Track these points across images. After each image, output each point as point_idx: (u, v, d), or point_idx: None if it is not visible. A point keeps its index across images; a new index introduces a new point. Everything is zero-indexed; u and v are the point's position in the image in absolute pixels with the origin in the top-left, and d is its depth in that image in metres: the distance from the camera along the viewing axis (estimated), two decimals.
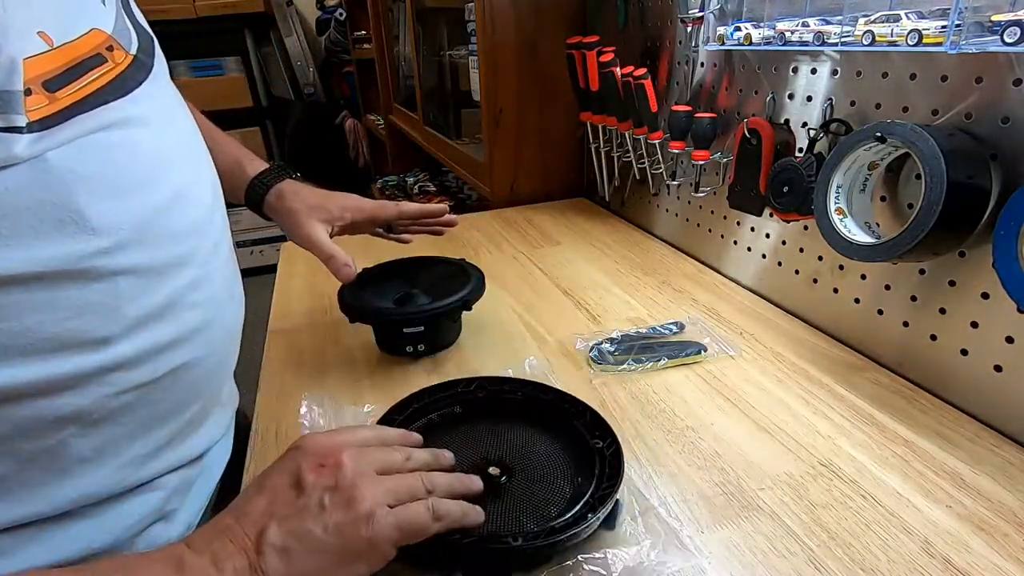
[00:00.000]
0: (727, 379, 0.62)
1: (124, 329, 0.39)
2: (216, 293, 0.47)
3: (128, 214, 0.38)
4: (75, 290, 0.36)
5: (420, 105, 1.83)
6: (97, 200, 0.36)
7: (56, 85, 0.35)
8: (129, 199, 0.39)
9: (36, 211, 0.34)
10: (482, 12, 1.09)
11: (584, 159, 1.24)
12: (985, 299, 0.52)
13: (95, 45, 0.38)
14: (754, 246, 0.80)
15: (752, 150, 0.71)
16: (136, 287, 0.39)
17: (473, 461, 0.49)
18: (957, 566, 0.41)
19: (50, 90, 0.34)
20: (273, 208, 0.66)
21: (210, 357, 0.47)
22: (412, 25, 1.71)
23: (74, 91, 0.36)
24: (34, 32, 0.34)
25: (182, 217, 0.43)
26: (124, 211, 0.38)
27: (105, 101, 0.38)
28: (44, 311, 0.35)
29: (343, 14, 2.95)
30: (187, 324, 0.43)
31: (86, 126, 0.36)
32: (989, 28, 0.47)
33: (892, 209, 0.60)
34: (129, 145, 0.39)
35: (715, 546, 0.43)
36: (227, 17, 3.03)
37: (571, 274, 0.88)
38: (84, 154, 0.36)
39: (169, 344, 0.42)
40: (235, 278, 0.52)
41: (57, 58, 0.35)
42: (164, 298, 0.41)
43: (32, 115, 0.33)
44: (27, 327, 0.34)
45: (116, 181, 0.38)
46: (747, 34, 0.70)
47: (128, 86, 0.40)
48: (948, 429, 0.53)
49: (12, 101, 0.32)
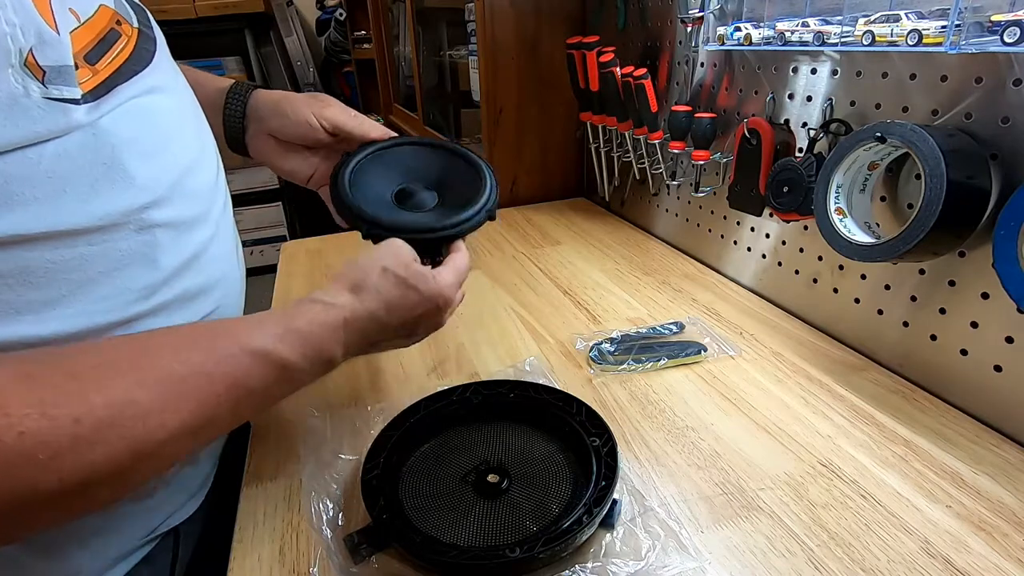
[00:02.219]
0: (727, 379, 0.62)
1: (162, 279, 0.43)
2: (228, 250, 0.52)
3: (164, 172, 0.42)
4: (123, 241, 0.40)
5: (420, 105, 1.83)
6: (139, 160, 0.40)
7: (94, 58, 0.38)
8: (163, 159, 0.43)
9: (91, 171, 0.37)
10: (482, 12, 1.09)
11: (584, 159, 1.24)
12: (985, 299, 0.52)
13: (108, 20, 0.41)
14: (754, 246, 0.80)
15: (752, 150, 0.71)
16: (170, 239, 0.43)
17: (472, 467, 0.49)
18: (957, 566, 0.41)
19: (91, 63, 0.37)
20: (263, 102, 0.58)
21: (227, 308, 0.51)
22: (412, 25, 1.71)
23: (108, 62, 0.39)
24: (67, 8, 0.37)
25: (200, 178, 0.47)
26: (160, 169, 0.42)
27: (135, 72, 0.41)
28: (102, 262, 0.39)
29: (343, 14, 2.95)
30: (210, 275, 0.48)
31: (126, 94, 0.40)
32: (989, 28, 0.47)
33: (892, 209, 0.60)
34: (158, 111, 0.43)
35: (715, 546, 0.43)
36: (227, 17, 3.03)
37: (571, 274, 0.88)
38: (127, 120, 0.40)
39: (198, 292, 0.46)
40: (237, 241, 0.57)
41: (87, 33, 0.38)
42: (191, 251, 0.45)
43: (83, 87, 0.36)
44: (90, 277, 0.38)
45: (152, 143, 0.42)
46: (747, 34, 0.70)
47: (146, 58, 0.43)
48: (948, 429, 0.53)
49: (68, 75, 0.35)
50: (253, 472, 0.53)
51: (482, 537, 0.43)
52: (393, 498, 0.46)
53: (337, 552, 0.44)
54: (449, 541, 0.42)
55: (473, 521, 0.45)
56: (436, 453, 0.51)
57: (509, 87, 1.15)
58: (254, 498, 0.50)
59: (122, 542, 0.46)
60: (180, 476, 0.50)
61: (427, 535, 0.42)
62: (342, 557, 0.43)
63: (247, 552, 0.45)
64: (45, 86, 0.34)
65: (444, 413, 0.54)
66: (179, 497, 0.50)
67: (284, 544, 0.45)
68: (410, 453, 0.51)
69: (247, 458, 0.54)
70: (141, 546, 0.48)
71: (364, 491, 0.45)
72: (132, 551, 0.47)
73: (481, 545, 0.43)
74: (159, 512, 0.48)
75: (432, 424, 0.53)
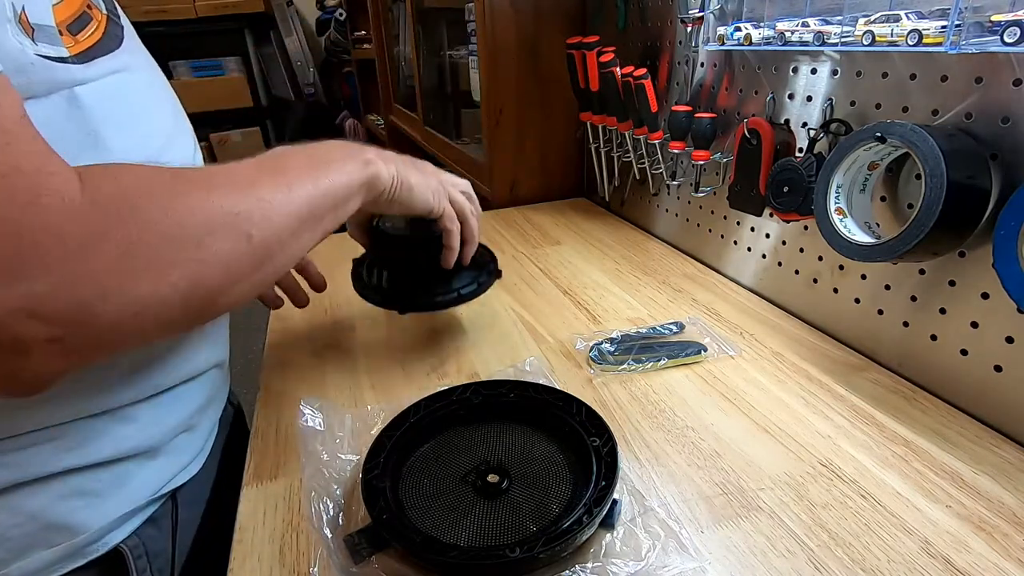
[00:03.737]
0: (727, 379, 0.62)
1: None
2: None
3: (139, 146, 0.44)
4: None
5: (420, 105, 1.83)
6: (116, 132, 0.41)
7: (75, 29, 0.40)
8: (137, 135, 0.44)
9: (74, 140, 0.38)
10: (482, 12, 1.09)
11: (584, 159, 1.24)
12: (985, 299, 0.52)
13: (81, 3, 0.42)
14: (754, 246, 0.80)
15: (752, 150, 0.71)
16: None
17: (472, 467, 0.49)
18: (957, 566, 0.41)
19: (72, 33, 0.39)
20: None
21: None
22: (412, 25, 1.71)
23: (87, 36, 0.41)
24: None
25: (176, 154, 0.49)
26: (135, 145, 0.43)
27: (110, 49, 0.43)
28: None
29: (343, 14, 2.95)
30: None
31: (105, 67, 0.41)
32: (989, 28, 0.47)
33: (892, 209, 0.60)
34: (133, 90, 0.45)
35: (715, 546, 0.43)
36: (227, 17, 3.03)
37: (571, 274, 0.88)
38: (105, 92, 0.41)
39: None
40: None
41: (66, 8, 0.39)
42: None
43: (70, 51, 0.38)
44: None
45: (128, 119, 0.43)
46: (747, 34, 0.70)
47: (115, 42, 0.45)
48: (948, 429, 0.53)
49: (53, 35, 0.37)
50: (253, 472, 0.53)
51: (482, 537, 0.43)
52: (393, 498, 0.46)
53: (337, 552, 0.44)
54: (449, 541, 0.42)
55: (473, 521, 0.44)
56: (436, 453, 0.51)
57: (509, 87, 1.15)
58: (254, 498, 0.50)
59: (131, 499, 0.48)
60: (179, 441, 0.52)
61: (427, 535, 0.42)
62: (342, 557, 0.43)
63: (247, 552, 0.45)
64: (35, 43, 0.36)
65: (444, 413, 0.54)
66: (182, 458, 0.52)
67: (284, 544, 0.45)
68: (410, 453, 0.51)
69: (247, 458, 0.54)
70: (146, 506, 0.49)
71: (364, 491, 0.45)
72: (138, 510, 0.48)
73: (481, 545, 0.43)
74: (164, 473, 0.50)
75: (432, 424, 0.53)
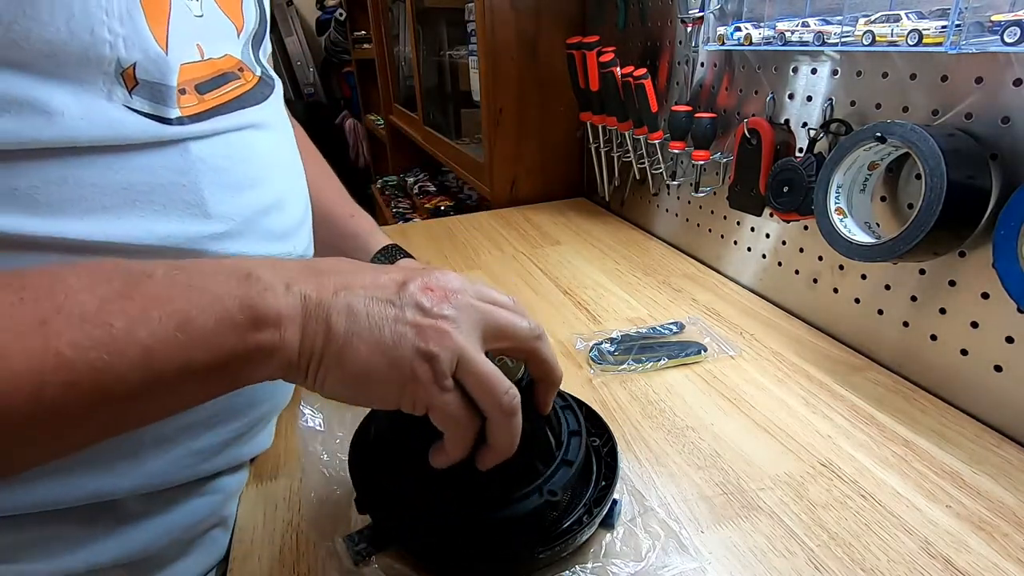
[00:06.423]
0: (727, 379, 0.62)
1: None
2: None
3: (239, 207, 0.42)
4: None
5: (420, 105, 1.83)
6: (218, 191, 0.40)
7: (205, 89, 0.40)
8: (242, 195, 0.43)
9: (169, 191, 0.38)
10: (482, 12, 1.09)
11: (584, 159, 1.24)
12: (985, 299, 0.52)
13: (231, 65, 0.44)
14: (754, 246, 0.80)
15: (752, 150, 0.71)
16: None
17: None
18: (957, 566, 0.41)
19: (200, 92, 0.40)
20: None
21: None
22: (412, 25, 1.71)
23: (219, 95, 0.41)
24: (194, 43, 0.39)
25: (278, 221, 0.47)
26: (237, 204, 0.42)
27: (243, 106, 0.43)
28: None
29: (343, 14, 2.95)
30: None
31: (224, 124, 0.41)
32: (989, 28, 0.47)
33: (892, 209, 0.60)
34: (251, 147, 0.44)
35: (715, 546, 0.43)
36: None
37: (571, 274, 0.88)
38: (216, 149, 0.40)
39: None
40: None
41: (206, 68, 0.41)
42: None
43: (185, 111, 0.38)
44: None
45: (236, 176, 0.42)
46: (747, 34, 0.70)
47: (258, 98, 0.46)
48: (948, 429, 0.53)
49: (166, 95, 0.37)
50: (253, 472, 0.53)
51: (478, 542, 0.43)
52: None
53: (337, 552, 0.44)
54: (449, 541, 0.42)
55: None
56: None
57: (509, 87, 1.15)
58: (254, 498, 0.50)
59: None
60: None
61: (427, 536, 0.42)
62: (342, 557, 0.43)
63: (247, 553, 0.45)
64: (131, 96, 0.35)
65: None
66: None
67: (284, 545, 0.45)
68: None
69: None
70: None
71: (363, 491, 0.45)
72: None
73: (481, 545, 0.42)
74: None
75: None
